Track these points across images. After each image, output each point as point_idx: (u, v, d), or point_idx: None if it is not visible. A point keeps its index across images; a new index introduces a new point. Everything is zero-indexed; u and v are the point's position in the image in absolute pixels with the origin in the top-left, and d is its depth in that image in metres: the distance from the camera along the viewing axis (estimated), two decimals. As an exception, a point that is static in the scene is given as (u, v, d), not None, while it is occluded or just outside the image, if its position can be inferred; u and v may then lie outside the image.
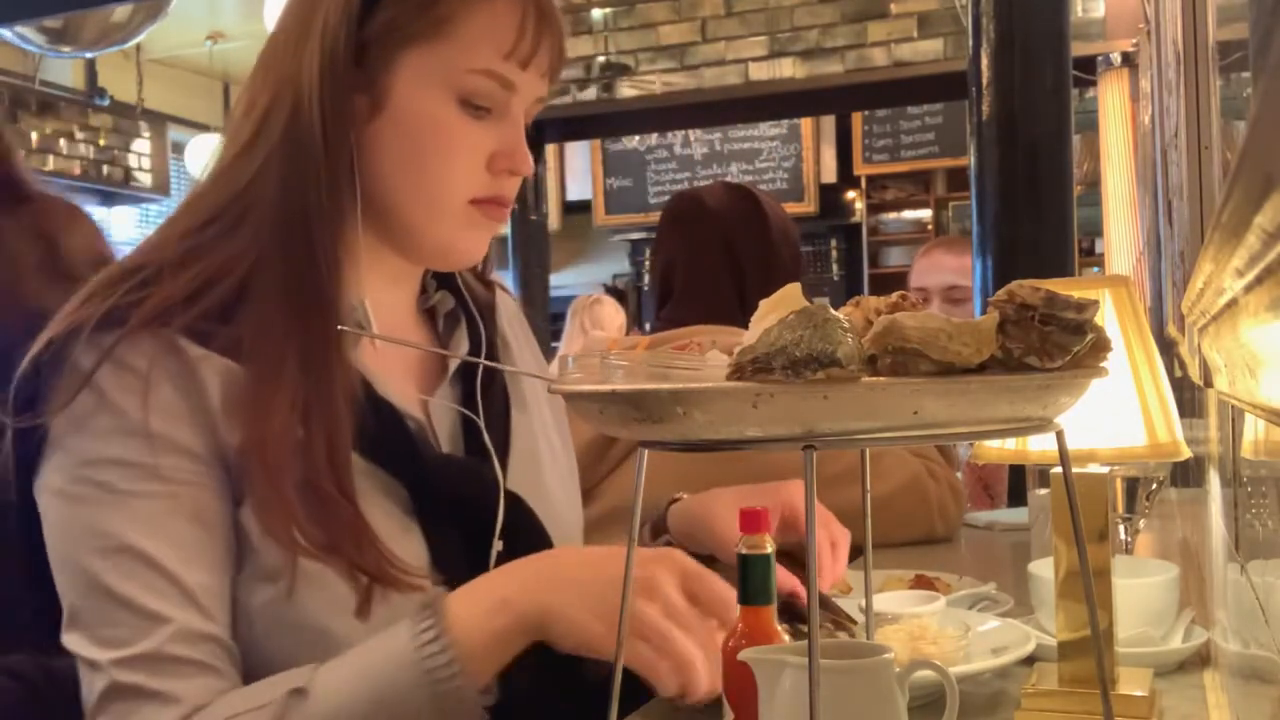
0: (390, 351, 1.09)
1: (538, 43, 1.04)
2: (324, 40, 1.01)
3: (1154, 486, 1.46)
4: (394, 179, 1.04)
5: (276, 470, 0.93)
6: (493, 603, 0.93)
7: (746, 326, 0.66)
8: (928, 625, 1.11)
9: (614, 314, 5.39)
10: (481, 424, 1.11)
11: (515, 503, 1.08)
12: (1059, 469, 0.98)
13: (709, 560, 1.34)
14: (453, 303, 1.17)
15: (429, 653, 0.90)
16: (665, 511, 1.37)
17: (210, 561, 0.95)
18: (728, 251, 1.95)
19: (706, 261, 1.97)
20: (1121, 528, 1.45)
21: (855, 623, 1.15)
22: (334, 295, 1.00)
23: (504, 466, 1.10)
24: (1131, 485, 1.40)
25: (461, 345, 1.15)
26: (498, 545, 1.06)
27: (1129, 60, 4.07)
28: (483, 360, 1.12)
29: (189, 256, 0.99)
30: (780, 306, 0.66)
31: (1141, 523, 1.49)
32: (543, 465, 1.17)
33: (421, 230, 1.06)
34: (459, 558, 1.02)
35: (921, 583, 1.48)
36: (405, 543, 0.99)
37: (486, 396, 1.12)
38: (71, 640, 0.94)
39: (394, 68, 1.03)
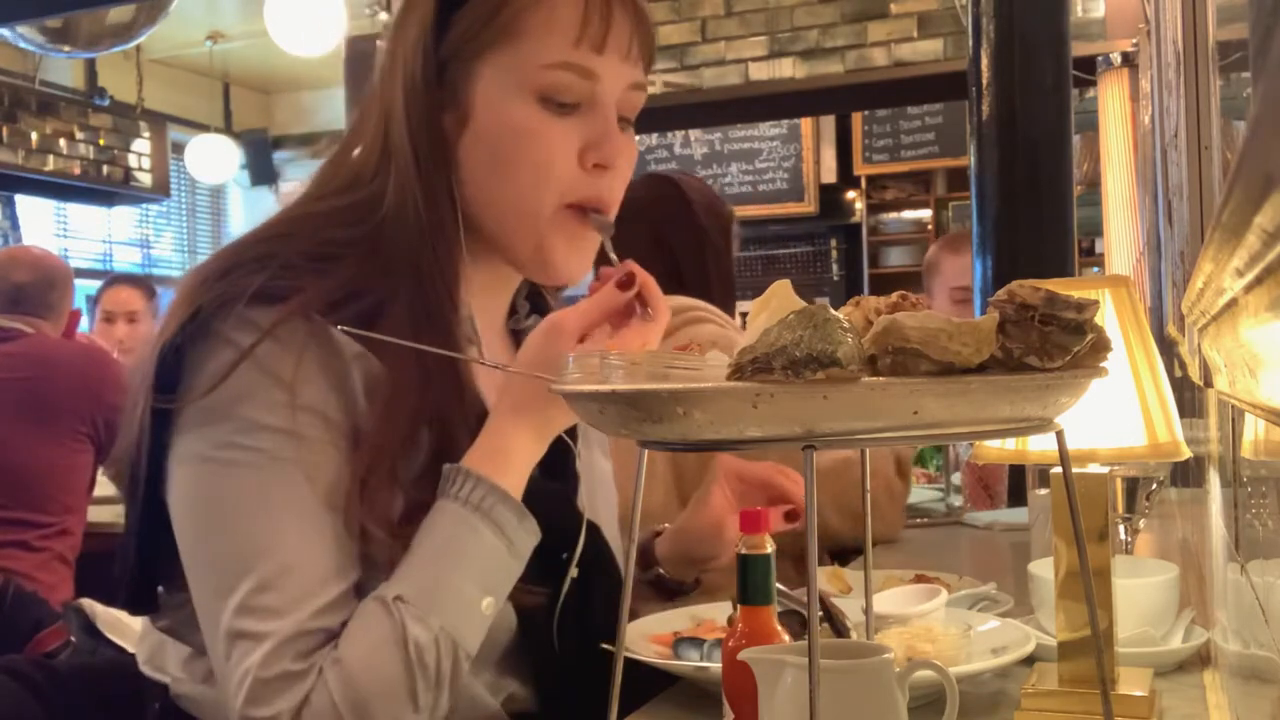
0: (487, 371, 1.11)
1: (607, 24, 1.03)
2: (404, 68, 1.04)
3: (1154, 486, 1.46)
4: (487, 189, 1.05)
5: (380, 472, 0.97)
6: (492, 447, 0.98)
7: None
8: (928, 625, 1.11)
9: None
10: (577, 451, 1.13)
11: (594, 532, 1.09)
12: (1059, 469, 0.98)
13: (694, 585, 1.35)
14: None
15: (466, 493, 0.95)
16: (650, 544, 1.37)
17: (341, 527, 0.97)
18: (657, 243, 2.00)
19: (637, 255, 2.01)
20: (1121, 528, 1.45)
21: (847, 617, 1.15)
22: (454, 318, 1.04)
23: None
24: (1131, 485, 1.40)
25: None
26: (573, 571, 1.06)
27: (1129, 60, 4.06)
28: (484, 362, 1.11)
29: (331, 257, 1.01)
30: (770, 304, 0.66)
31: (1141, 522, 1.49)
32: (606, 493, 1.19)
33: (517, 237, 1.06)
34: (536, 579, 1.03)
35: (921, 583, 1.48)
36: None
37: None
38: (219, 607, 0.94)
39: (472, 80, 1.04)
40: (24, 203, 7.33)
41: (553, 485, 1.08)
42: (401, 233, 1.03)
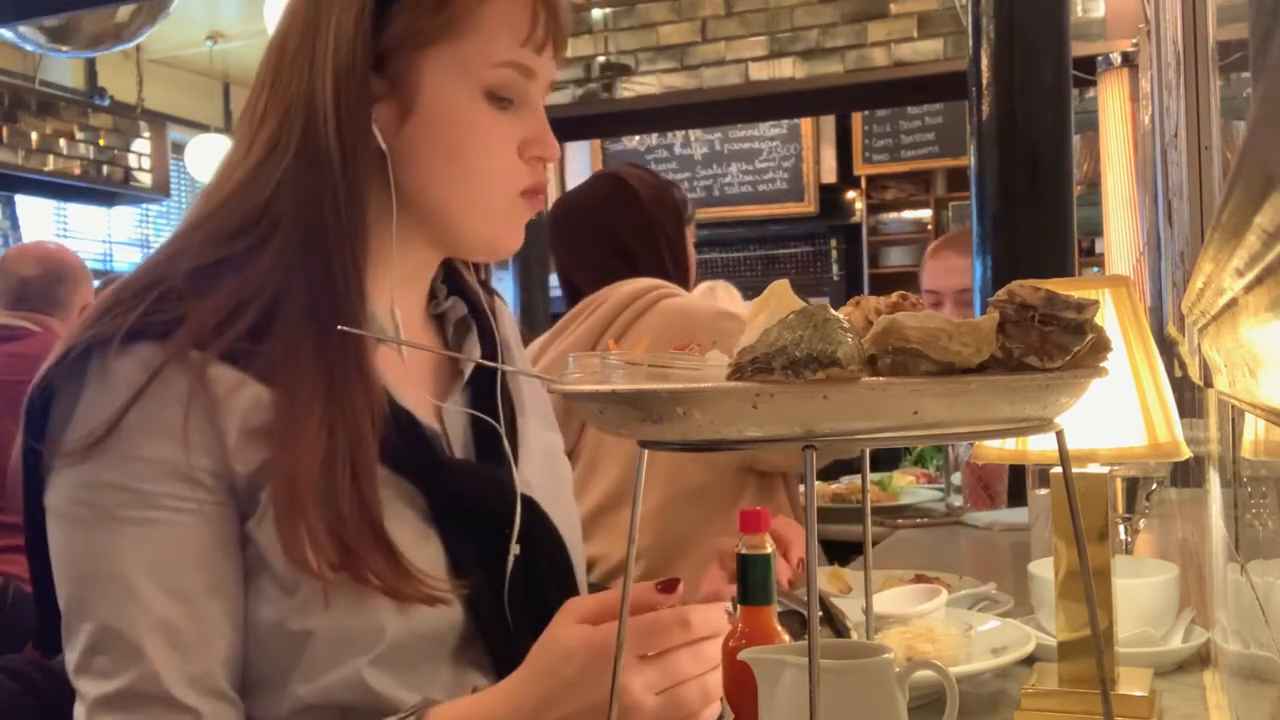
0: (407, 358, 1.09)
1: (549, 28, 1.05)
2: (336, 54, 1.01)
3: (1153, 486, 1.46)
4: (434, 180, 1.04)
5: (301, 493, 0.93)
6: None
7: None
8: (928, 625, 1.11)
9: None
10: (502, 430, 1.11)
11: (530, 507, 1.08)
12: (1059, 469, 0.98)
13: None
14: (464, 310, 1.17)
15: None
16: None
17: (207, 591, 0.94)
18: (608, 241, 2.05)
19: (594, 256, 2.08)
20: (1121, 528, 1.45)
21: (847, 617, 1.15)
22: (358, 310, 1.00)
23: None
24: (1131, 485, 1.40)
25: (474, 351, 1.15)
26: (515, 549, 1.06)
27: (1129, 60, 4.06)
28: (492, 364, 1.12)
29: (216, 272, 0.99)
30: (769, 304, 0.66)
31: (1141, 522, 1.49)
32: (548, 468, 1.17)
33: (468, 227, 1.06)
34: (477, 564, 1.02)
35: (921, 583, 1.48)
36: (424, 550, 0.99)
37: (492, 399, 1.13)
38: (66, 660, 0.95)
39: (417, 71, 1.03)
40: (24, 203, 7.33)
41: (483, 466, 1.08)
42: (301, 228, 1.00)
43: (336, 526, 0.94)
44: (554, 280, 2.61)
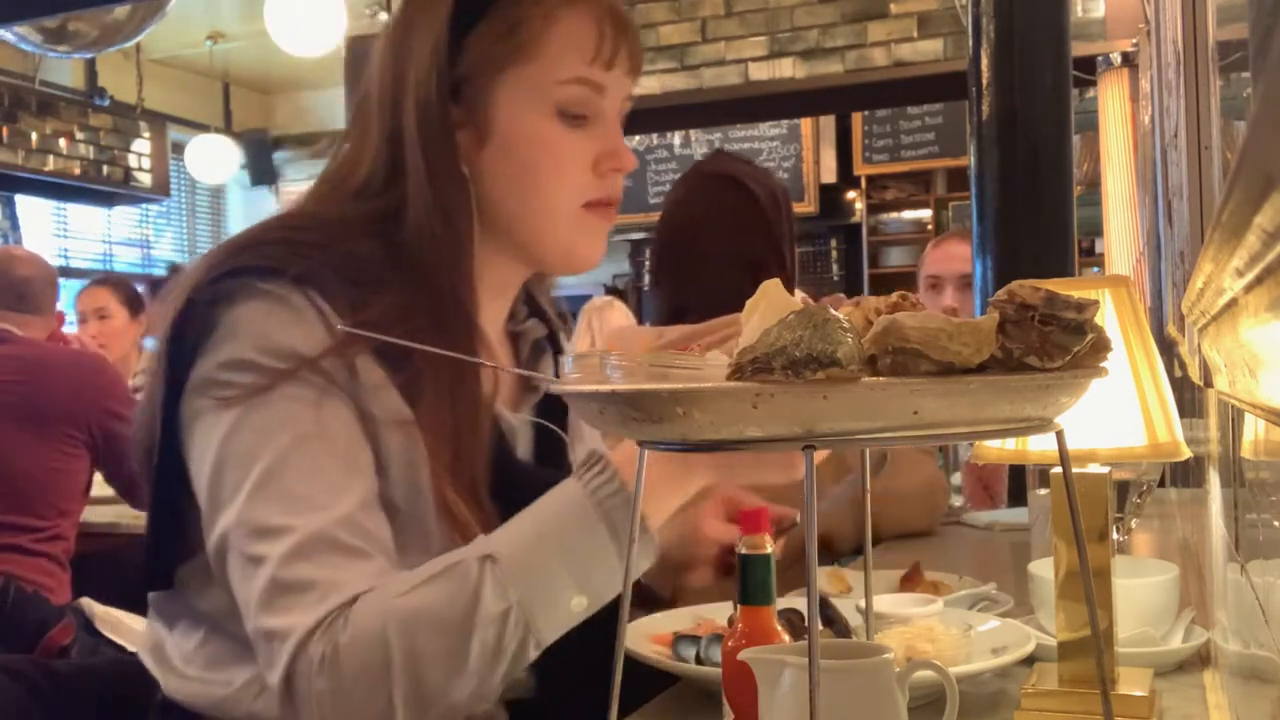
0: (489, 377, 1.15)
1: (618, 44, 1.10)
2: (417, 92, 1.07)
3: (1145, 488, 1.46)
4: (511, 199, 1.11)
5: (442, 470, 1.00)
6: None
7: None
8: (928, 625, 1.11)
9: (622, 318, 5.40)
10: (569, 440, 1.19)
11: None
12: (1059, 469, 0.98)
13: (669, 599, 1.36)
14: (543, 332, 1.24)
15: (597, 484, 0.95)
16: None
17: (365, 467, 0.99)
18: (738, 259, 1.95)
19: (721, 274, 1.96)
20: (1114, 528, 1.45)
21: (848, 622, 1.15)
22: (475, 331, 1.08)
23: None
24: (1123, 487, 1.40)
25: (548, 373, 1.21)
26: None
27: (1129, 60, 4.06)
28: (491, 364, 1.13)
29: (358, 282, 1.03)
30: (760, 305, 0.66)
31: (1134, 522, 1.49)
32: None
33: (542, 241, 1.12)
34: None
35: (914, 572, 1.48)
36: None
37: (562, 417, 1.19)
38: (232, 541, 0.95)
39: (491, 97, 1.09)
40: (24, 203, 7.33)
41: (547, 473, 1.09)
42: (419, 250, 1.07)
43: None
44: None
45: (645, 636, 1.18)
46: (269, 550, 0.93)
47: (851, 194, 8.48)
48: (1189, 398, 1.63)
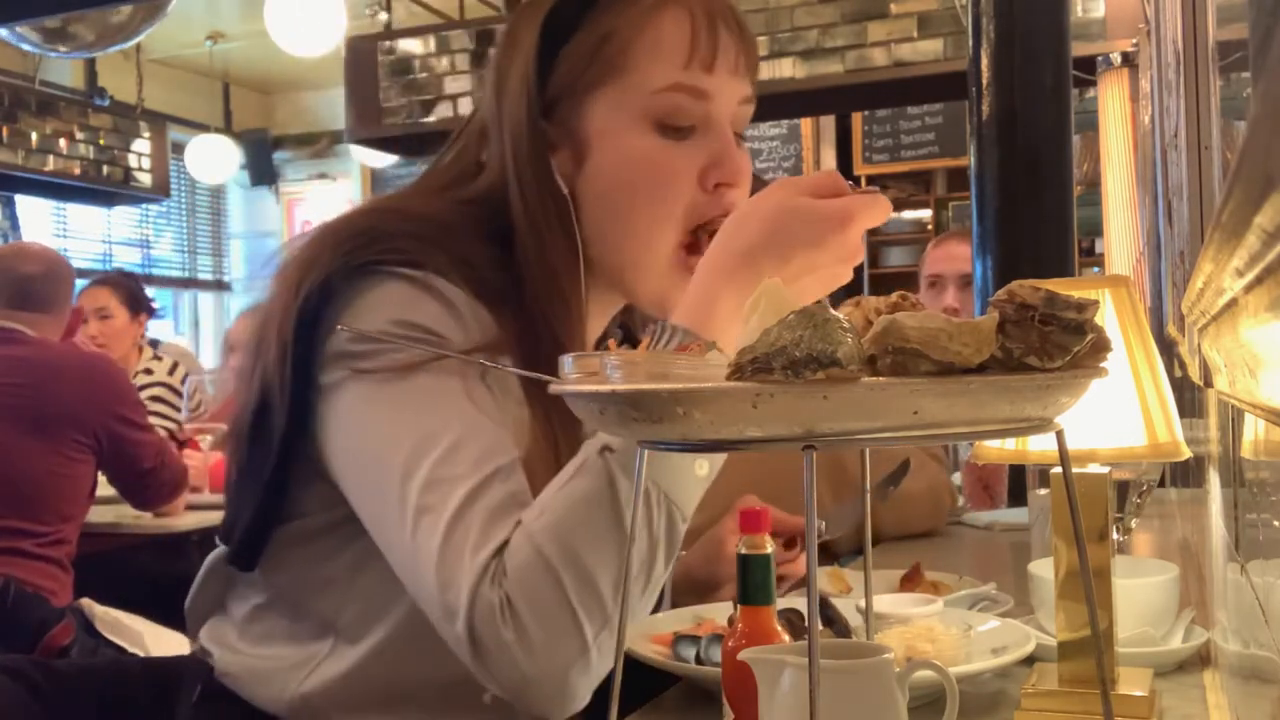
0: None
1: (714, 42, 1.03)
2: (511, 112, 1.03)
3: (1144, 488, 1.46)
4: (610, 223, 1.04)
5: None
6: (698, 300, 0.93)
7: None
8: (928, 625, 1.11)
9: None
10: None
11: None
12: (1059, 469, 0.98)
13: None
14: None
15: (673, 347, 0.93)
16: None
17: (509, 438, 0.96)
18: None
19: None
20: (1114, 528, 1.45)
21: (848, 623, 1.15)
22: (578, 337, 1.04)
23: None
24: (1123, 487, 1.40)
25: None
26: None
27: (1129, 60, 4.06)
28: (492, 364, 1.13)
29: (483, 289, 1.01)
30: (760, 304, 0.65)
31: (1134, 522, 1.49)
32: None
33: (639, 274, 1.05)
34: None
35: (914, 572, 1.48)
36: None
37: None
38: (388, 508, 0.94)
39: (585, 116, 1.03)
40: (24, 203, 7.33)
41: None
42: (528, 269, 1.03)
43: None
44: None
45: (645, 636, 1.18)
46: (440, 501, 0.90)
47: (851, 194, 8.47)
48: (1189, 398, 1.63)
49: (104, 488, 3.02)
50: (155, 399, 4.04)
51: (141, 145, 7.74)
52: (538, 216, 1.03)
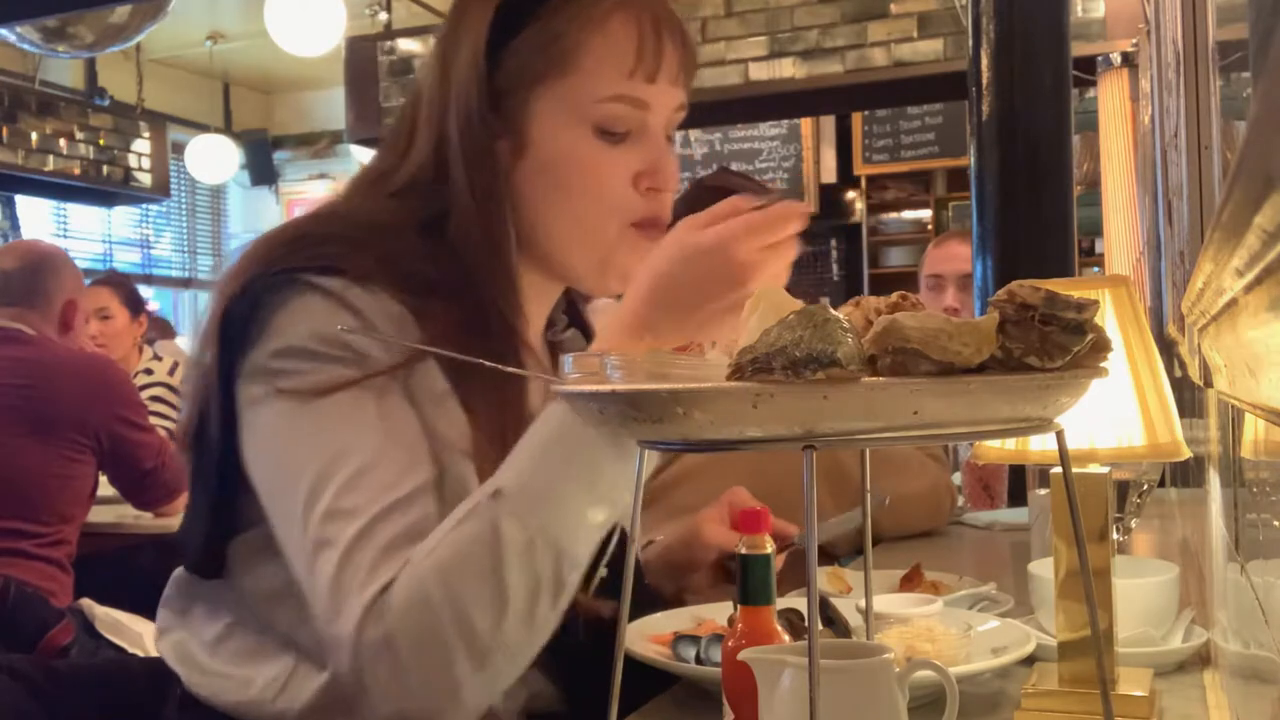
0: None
1: (659, 53, 1.05)
2: (459, 100, 1.05)
3: (1145, 488, 1.46)
4: (545, 216, 1.07)
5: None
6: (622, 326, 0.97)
7: None
8: (928, 625, 1.11)
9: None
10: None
11: (622, 534, 1.10)
12: (1059, 469, 0.98)
13: (672, 600, 1.37)
14: (584, 344, 1.20)
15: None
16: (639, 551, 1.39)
17: (425, 458, 0.97)
18: None
19: None
20: (1114, 528, 1.45)
21: (848, 623, 1.15)
22: (519, 340, 1.05)
23: None
24: (1123, 487, 1.40)
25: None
26: (602, 572, 1.08)
27: (1129, 60, 4.06)
28: (491, 364, 1.13)
29: (413, 283, 1.02)
30: (759, 306, 0.66)
31: (1134, 522, 1.49)
32: None
33: (578, 256, 1.09)
34: None
35: (914, 572, 1.48)
36: None
37: None
38: (295, 530, 0.95)
39: (528, 110, 1.06)
40: (24, 203, 7.34)
41: None
42: (464, 256, 1.05)
43: None
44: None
45: (645, 636, 1.18)
46: (336, 534, 0.92)
47: (851, 194, 8.48)
48: (1189, 398, 1.63)
49: (104, 488, 3.01)
50: (155, 399, 4.04)
51: (141, 145, 7.74)
52: (480, 194, 1.04)
